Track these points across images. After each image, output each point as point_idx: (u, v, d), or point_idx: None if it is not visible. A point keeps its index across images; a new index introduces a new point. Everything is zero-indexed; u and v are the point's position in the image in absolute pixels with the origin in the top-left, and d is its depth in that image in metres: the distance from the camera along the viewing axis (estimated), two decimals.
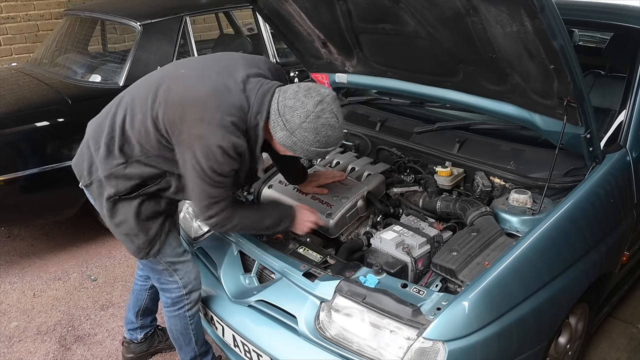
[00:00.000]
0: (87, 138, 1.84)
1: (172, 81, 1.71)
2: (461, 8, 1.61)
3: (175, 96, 1.65)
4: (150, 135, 1.69)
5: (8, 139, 3.03)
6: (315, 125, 1.60)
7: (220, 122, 1.57)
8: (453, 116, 2.45)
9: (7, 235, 3.79)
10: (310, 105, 1.59)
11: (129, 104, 1.75)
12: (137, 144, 1.73)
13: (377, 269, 1.73)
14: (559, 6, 1.44)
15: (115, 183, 1.77)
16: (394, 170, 2.34)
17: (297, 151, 1.68)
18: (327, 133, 1.63)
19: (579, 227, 1.81)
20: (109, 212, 1.81)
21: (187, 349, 2.09)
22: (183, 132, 1.61)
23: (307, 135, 1.62)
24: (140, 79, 1.90)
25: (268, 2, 2.28)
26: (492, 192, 2.08)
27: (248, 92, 1.64)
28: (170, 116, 1.63)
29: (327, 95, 1.63)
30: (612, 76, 2.50)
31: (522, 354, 1.68)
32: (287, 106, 1.61)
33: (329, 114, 1.61)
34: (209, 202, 1.68)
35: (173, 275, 1.96)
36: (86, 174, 1.82)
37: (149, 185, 1.79)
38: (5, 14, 5.13)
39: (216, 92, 1.61)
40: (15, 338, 2.75)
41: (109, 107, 1.85)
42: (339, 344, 1.65)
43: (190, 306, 2.02)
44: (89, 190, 1.86)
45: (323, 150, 1.68)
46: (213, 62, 1.79)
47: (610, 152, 1.96)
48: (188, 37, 3.78)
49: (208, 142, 1.57)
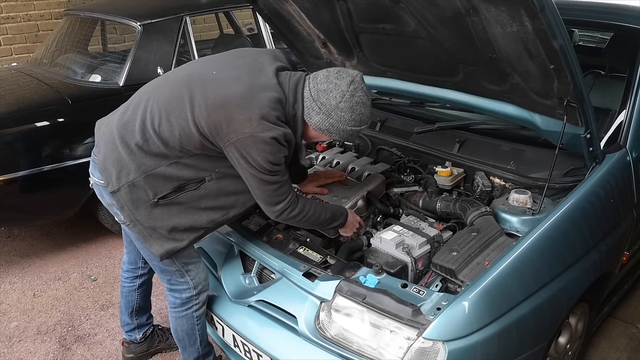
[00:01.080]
0: (113, 141, 1.76)
1: (207, 84, 1.69)
2: (461, 8, 1.61)
3: (216, 100, 1.65)
4: (193, 138, 1.68)
5: (8, 139, 3.03)
6: (350, 104, 1.68)
7: (267, 117, 1.61)
8: (453, 116, 2.45)
9: (7, 235, 3.79)
10: (344, 86, 1.68)
11: (161, 108, 1.71)
12: (178, 145, 1.70)
13: (377, 269, 1.73)
14: (559, 6, 1.44)
15: (154, 185, 1.73)
16: (394, 170, 2.34)
17: (333, 133, 1.74)
18: (361, 111, 1.71)
19: (579, 227, 1.81)
20: (145, 215, 1.76)
21: (191, 350, 2.09)
22: (231, 134, 1.62)
23: (343, 115, 1.69)
24: (159, 79, 1.86)
25: (268, 2, 2.28)
26: (492, 192, 2.08)
27: (282, 85, 1.70)
28: (215, 120, 1.63)
29: (357, 75, 1.72)
30: (612, 76, 2.50)
31: (522, 354, 1.68)
32: (320, 90, 1.69)
33: (361, 92, 1.70)
34: (272, 190, 1.70)
35: (184, 276, 1.93)
36: (115, 179, 1.74)
37: (187, 188, 1.76)
38: (5, 14, 5.13)
39: (256, 90, 1.65)
40: (15, 338, 2.75)
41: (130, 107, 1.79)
42: (339, 344, 1.65)
43: (199, 306, 2.01)
44: (116, 197, 1.76)
45: (357, 129, 1.75)
46: (240, 61, 1.78)
47: (610, 152, 1.96)
48: (188, 37, 3.78)
49: (261, 137, 1.60)
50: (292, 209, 1.75)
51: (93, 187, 1.93)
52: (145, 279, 2.29)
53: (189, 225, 1.80)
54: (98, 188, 1.89)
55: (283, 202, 1.73)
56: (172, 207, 1.77)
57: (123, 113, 1.81)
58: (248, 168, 1.66)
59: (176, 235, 1.79)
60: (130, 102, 1.83)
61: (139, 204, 1.75)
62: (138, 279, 2.28)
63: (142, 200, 1.75)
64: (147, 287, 2.33)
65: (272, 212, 1.76)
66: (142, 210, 1.76)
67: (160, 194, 1.74)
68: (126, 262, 2.28)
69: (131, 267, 2.27)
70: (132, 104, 1.81)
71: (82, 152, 3.17)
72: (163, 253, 1.80)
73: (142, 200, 1.75)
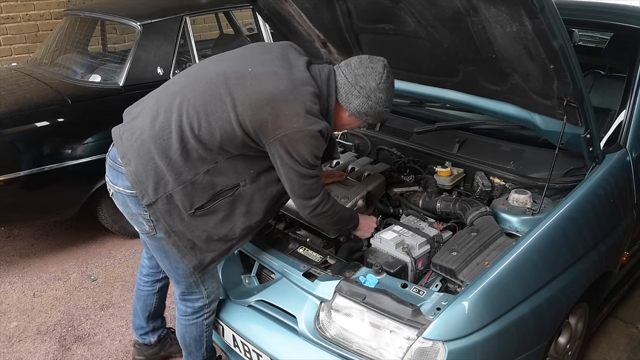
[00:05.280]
0: (148, 152, 1.69)
1: (246, 82, 1.66)
2: (461, 8, 1.61)
3: (260, 97, 1.63)
4: (236, 138, 1.66)
5: (8, 139, 3.03)
6: (387, 85, 1.76)
7: (312, 111, 1.65)
8: (453, 116, 2.45)
9: (7, 235, 3.79)
10: (380, 68, 1.75)
11: (199, 110, 1.66)
12: (217, 148, 1.68)
13: (377, 269, 1.73)
14: (559, 6, 1.44)
15: (191, 195, 1.70)
16: (394, 170, 2.34)
17: (370, 116, 1.79)
18: (393, 93, 1.81)
19: (578, 227, 1.81)
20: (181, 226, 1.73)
21: (196, 354, 2.08)
22: (278, 130, 1.62)
23: (381, 97, 1.75)
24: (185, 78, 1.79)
25: (268, 2, 2.28)
26: (492, 192, 2.08)
27: (315, 79, 1.73)
28: (261, 118, 1.62)
29: (385, 60, 1.79)
30: (612, 76, 2.50)
31: (522, 354, 1.68)
32: (358, 75, 1.74)
33: (392, 75, 1.79)
34: (311, 184, 1.71)
35: (199, 285, 1.91)
36: (152, 191, 1.69)
37: (223, 196, 1.74)
38: (5, 14, 5.13)
39: (297, 85, 1.66)
40: (15, 338, 2.75)
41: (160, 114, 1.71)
42: (339, 344, 1.65)
43: (209, 315, 1.99)
44: (152, 209, 1.71)
45: (387, 110, 1.82)
46: (269, 56, 1.76)
47: (610, 152, 1.96)
48: (188, 37, 3.78)
49: (309, 131, 1.62)
50: (325, 202, 1.77)
51: (113, 197, 1.87)
52: (165, 282, 2.28)
53: (224, 234, 1.77)
54: (122, 197, 1.81)
55: (317, 196, 1.75)
56: (209, 217, 1.74)
57: (153, 119, 1.72)
58: (291, 163, 1.66)
59: (210, 246, 1.77)
60: (158, 106, 1.74)
61: (175, 215, 1.72)
62: (158, 282, 2.26)
63: (179, 211, 1.72)
64: (165, 290, 2.32)
65: (307, 206, 1.75)
66: (178, 221, 1.73)
67: (197, 204, 1.72)
68: (147, 266, 2.24)
69: (152, 271, 2.24)
70: (162, 108, 1.72)
71: (82, 152, 3.17)
72: (196, 264, 1.78)
73: (179, 211, 1.72)
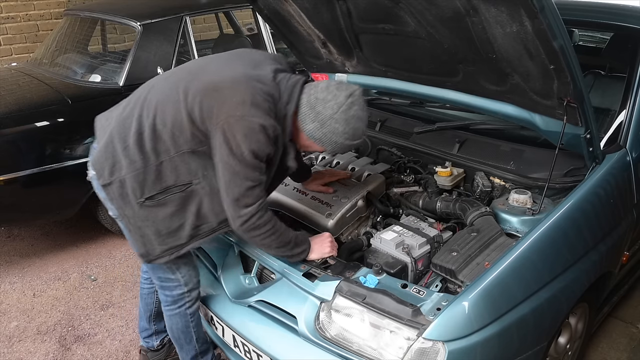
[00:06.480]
0: (110, 136, 1.78)
1: (203, 75, 1.70)
2: (461, 8, 1.61)
3: (211, 84, 1.66)
4: (184, 129, 1.67)
5: (8, 139, 3.03)
6: (346, 117, 1.67)
7: (261, 104, 1.61)
8: (453, 116, 2.45)
9: (7, 235, 3.79)
10: (342, 97, 1.67)
11: (158, 101, 1.72)
12: (170, 140, 1.70)
13: (377, 269, 1.73)
14: (559, 6, 1.44)
15: (142, 184, 1.73)
16: (394, 170, 2.34)
17: (325, 143, 1.72)
18: (356, 125, 1.69)
19: (578, 228, 1.81)
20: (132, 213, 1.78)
21: (188, 348, 2.09)
22: (221, 116, 1.60)
23: (337, 127, 1.68)
24: (161, 75, 1.89)
25: (268, 2, 2.28)
26: (492, 192, 2.08)
27: (278, 83, 1.70)
28: (208, 104, 1.63)
29: (356, 90, 1.71)
30: (612, 76, 2.50)
31: (522, 354, 1.68)
32: (318, 99, 1.68)
33: (358, 106, 1.69)
34: (245, 188, 1.63)
35: (175, 272, 1.94)
36: (107, 173, 1.76)
37: (174, 191, 1.75)
38: (5, 14, 5.13)
39: (250, 79, 1.65)
40: (15, 338, 2.75)
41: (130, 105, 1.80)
42: (339, 344, 1.65)
43: (191, 303, 2.02)
44: (107, 190, 1.79)
45: (349, 143, 1.73)
46: (239, 57, 1.80)
47: (610, 152, 1.96)
48: (188, 37, 3.78)
49: (251, 121, 1.58)
50: (260, 216, 1.67)
51: (91, 181, 1.90)
52: None
53: (172, 230, 1.79)
54: (95, 182, 1.87)
55: (252, 205, 1.65)
56: (158, 209, 1.76)
57: (124, 108, 1.82)
58: (229, 156, 1.60)
59: (159, 239, 1.80)
60: (131, 99, 1.84)
61: (127, 201, 1.77)
62: None
63: (130, 197, 1.76)
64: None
65: (239, 215, 1.66)
66: (129, 208, 1.78)
67: (147, 194, 1.74)
68: None
69: None
70: (132, 100, 1.82)
71: (82, 152, 3.17)
72: (144, 253, 1.82)
73: (130, 198, 1.76)
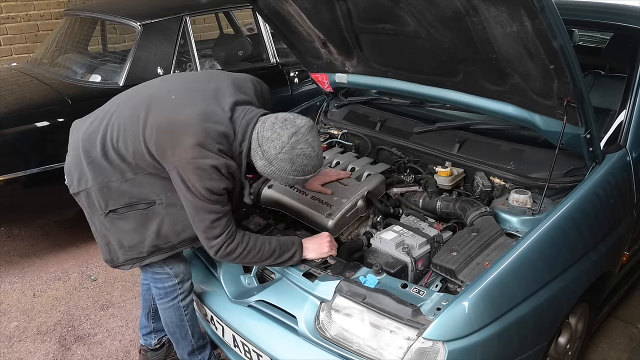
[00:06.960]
0: (77, 148, 1.84)
1: (161, 107, 1.74)
2: (461, 8, 1.61)
3: (166, 122, 1.69)
4: (144, 158, 1.74)
5: (8, 139, 3.03)
6: (290, 156, 1.67)
7: (208, 146, 1.63)
8: (453, 116, 2.45)
9: (7, 235, 3.79)
10: (285, 137, 1.66)
11: (121, 125, 1.77)
12: (134, 162, 1.77)
13: (377, 269, 1.73)
14: (559, 6, 1.44)
15: (106, 197, 1.81)
16: (394, 170, 2.34)
17: (277, 179, 1.75)
18: (303, 162, 1.69)
19: (578, 227, 1.81)
20: (98, 222, 1.88)
21: (184, 343, 2.10)
22: (174, 158, 1.66)
23: (284, 165, 1.69)
24: (127, 92, 1.92)
25: (268, 2, 2.28)
26: (492, 192, 2.08)
27: (234, 120, 1.71)
28: (162, 145, 1.68)
29: (303, 126, 1.69)
30: (612, 76, 2.50)
31: (522, 354, 1.68)
32: (264, 137, 1.68)
33: (303, 144, 1.67)
34: (210, 220, 1.69)
35: (163, 267, 1.98)
36: (76, 183, 1.86)
37: (137, 207, 1.82)
38: (5, 14, 5.13)
39: (205, 120, 1.67)
40: (15, 338, 2.75)
41: (98, 118, 1.86)
42: (339, 344, 1.65)
43: (184, 296, 2.04)
44: (77, 198, 1.90)
45: (301, 178, 1.74)
46: (202, 86, 1.81)
47: (610, 152, 1.96)
48: (188, 37, 3.78)
49: (201, 163, 1.62)
50: (230, 242, 1.72)
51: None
52: None
53: (134, 244, 1.86)
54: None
55: (221, 236, 1.71)
56: (121, 222, 1.84)
57: (92, 122, 1.87)
58: (187, 194, 1.67)
59: (122, 249, 1.87)
60: (99, 112, 1.89)
61: (94, 210, 1.86)
62: None
63: (97, 207, 1.84)
64: None
65: (210, 246, 1.73)
66: (96, 217, 1.87)
67: (111, 207, 1.82)
68: None
69: None
70: (100, 116, 1.86)
71: None
72: (109, 259, 1.92)
73: (97, 208, 1.84)
